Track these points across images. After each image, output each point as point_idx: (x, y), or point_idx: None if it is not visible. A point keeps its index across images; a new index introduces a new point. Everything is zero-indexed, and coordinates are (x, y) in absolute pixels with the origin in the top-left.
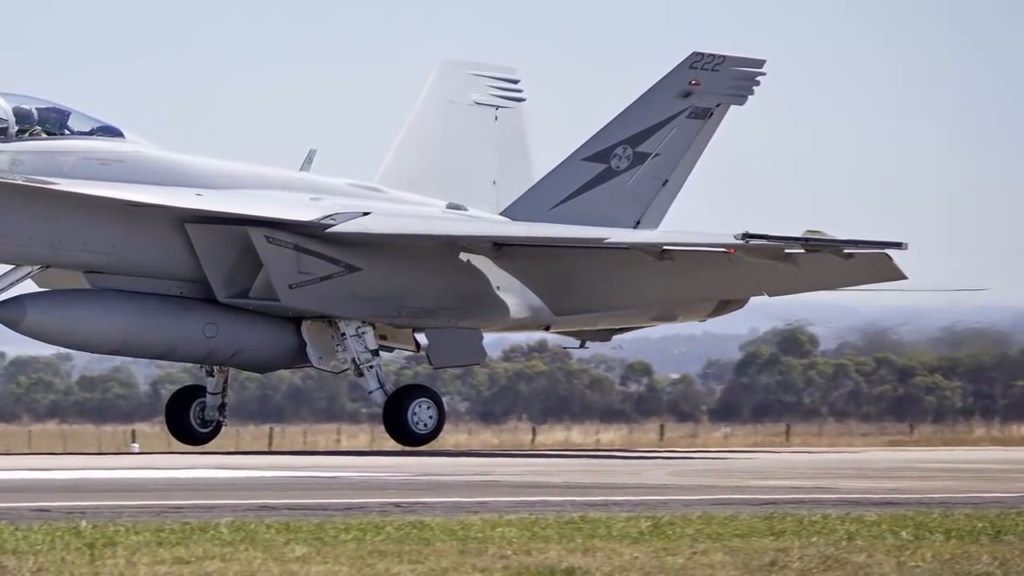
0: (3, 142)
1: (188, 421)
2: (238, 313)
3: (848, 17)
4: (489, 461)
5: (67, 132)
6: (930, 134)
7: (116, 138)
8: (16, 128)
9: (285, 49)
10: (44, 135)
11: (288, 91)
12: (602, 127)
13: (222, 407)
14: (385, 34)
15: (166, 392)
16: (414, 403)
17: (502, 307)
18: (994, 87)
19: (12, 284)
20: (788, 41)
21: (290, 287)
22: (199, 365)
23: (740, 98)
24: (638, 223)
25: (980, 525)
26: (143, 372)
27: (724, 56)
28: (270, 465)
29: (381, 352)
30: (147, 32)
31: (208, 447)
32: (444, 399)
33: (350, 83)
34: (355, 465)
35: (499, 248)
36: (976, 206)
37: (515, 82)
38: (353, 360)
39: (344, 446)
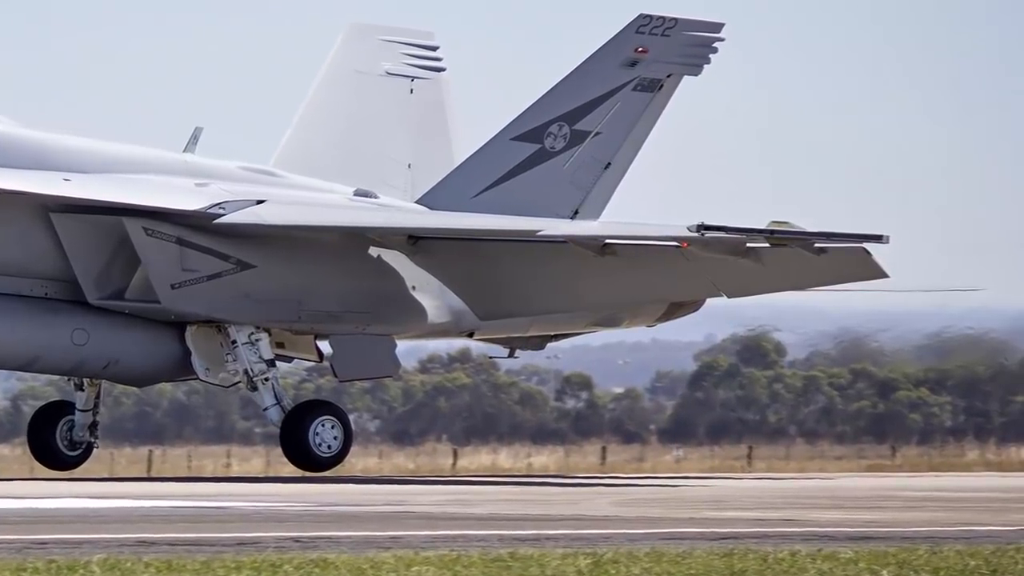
0: None
1: (54, 442)
2: (112, 317)
3: None
4: (403, 489)
5: None
6: (917, 114)
7: None
8: None
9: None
10: None
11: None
12: (534, 102)
13: (93, 426)
14: None
15: (28, 408)
16: (316, 422)
17: (418, 310)
18: (991, 68)
19: None
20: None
21: (172, 287)
22: (67, 378)
23: (694, 67)
24: (576, 213)
25: (973, 563)
26: (1, 386)
27: (676, 19)
28: (149, 493)
29: (278, 362)
30: None
31: (77, 472)
32: (351, 417)
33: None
34: (248, 493)
35: (415, 242)
36: (968, 195)
37: (433, 49)
38: (245, 371)
39: (235, 471)
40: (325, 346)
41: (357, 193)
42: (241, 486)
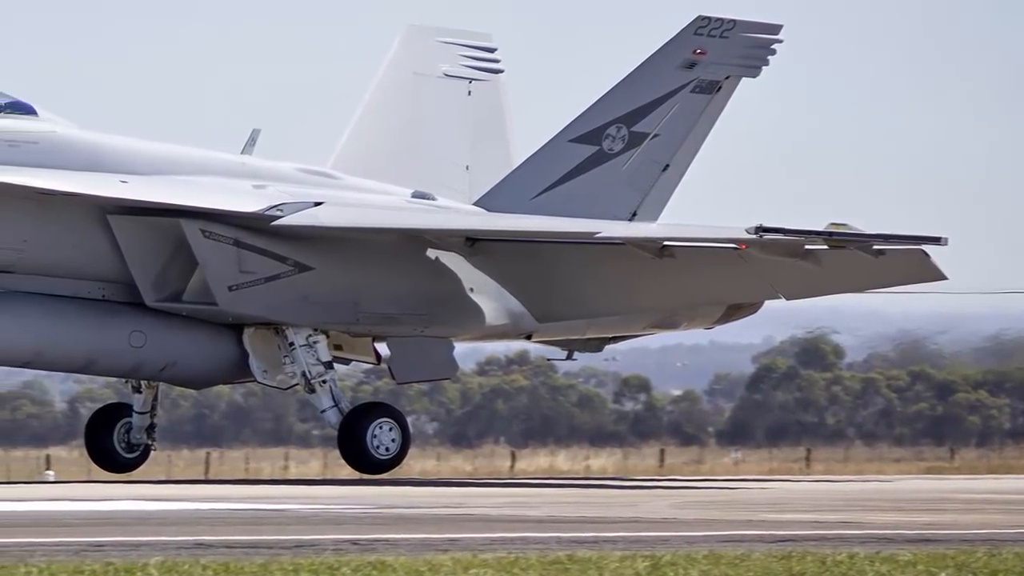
0: None
1: (111, 445)
2: (170, 320)
3: None
4: (461, 491)
5: None
6: (976, 115)
7: (28, 116)
8: None
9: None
10: None
11: (229, 60)
12: (592, 103)
13: (151, 428)
14: None
15: (86, 411)
16: (374, 424)
17: (476, 312)
18: None
19: None
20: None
21: (230, 289)
22: (124, 380)
23: (753, 69)
24: (634, 215)
25: None
26: (59, 388)
27: (734, 21)
28: (206, 496)
29: (336, 365)
30: None
31: (134, 475)
32: (409, 419)
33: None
34: (305, 496)
35: (473, 243)
36: None
37: (491, 50)
38: (303, 374)
39: (292, 474)
40: (383, 348)
41: (415, 195)
42: (299, 488)
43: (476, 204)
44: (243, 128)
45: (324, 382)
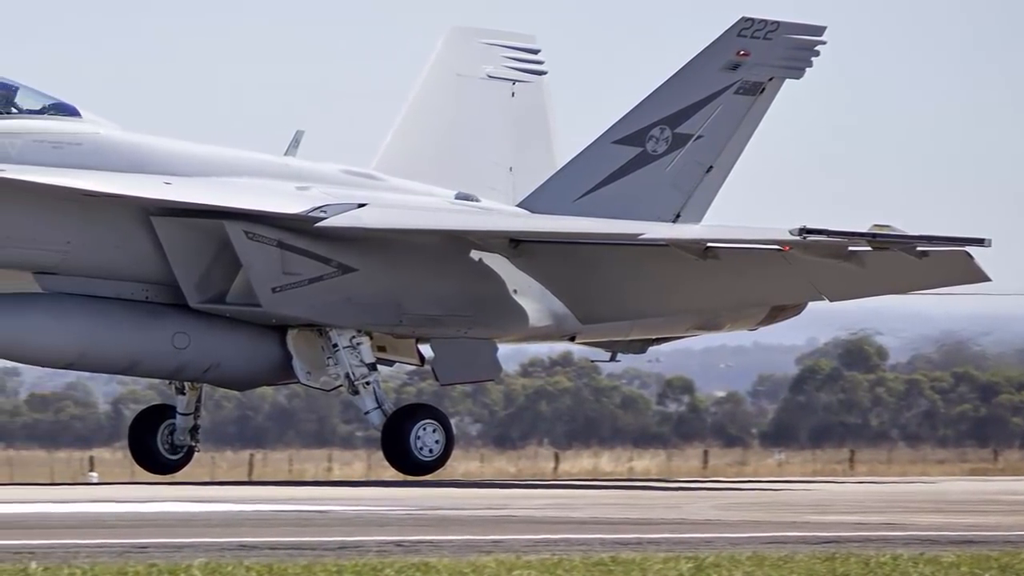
0: None
1: (155, 446)
2: (213, 321)
3: None
4: (505, 493)
5: (14, 111)
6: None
7: (71, 117)
8: None
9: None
10: None
11: (271, 61)
12: (636, 105)
13: (194, 430)
14: None
15: (129, 413)
16: (417, 426)
17: (520, 314)
18: None
19: None
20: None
21: (273, 291)
22: (168, 381)
23: (796, 71)
24: (678, 216)
25: None
26: (103, 389)
27: (778, 22)
28: (250, 497)
29: (379, 366)
30: None
31: (178, 476)
32: (452, 421)
33: (343, 53)
34: (349, 497)
35: (516, 245)
36: None
37: (535, 52)
38: (347, 375)
39: (336, 475)
40: (426, 350)
41: (458, 196)
42: (342, 490)
43: (519, 206)
44: (287, 130)
45: (368, 383)
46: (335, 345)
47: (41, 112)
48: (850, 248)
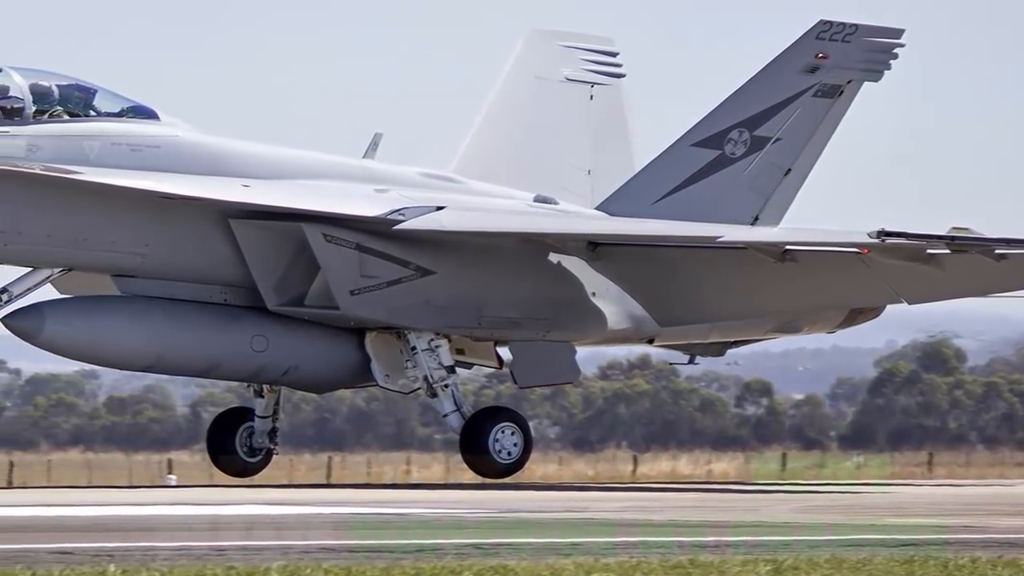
0: (18, 125)
1: (234, 449)
2: (291, 324)
3: None
4: (583, 495)
5: (92, 113)
6: None
7: (149, 120)
8: (34, 109)
9: (347, 17)
10: (66, 117)
11: (350, 66)
12: (714, 108)
13: (273, 433)
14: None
15: (208, 415)
16: (496, 428)
17: (598, 317)
18: None
19: (29, 290)
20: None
21: (352, 293)
22: (246, 384)
23: (875, 74)
24: (756, 219)
25: None
26: (181, 392)
27: (856, 25)
28: (328, 500)
29: (458, 369)
30: None
31: (256, 479)
32: (531, 423)
33: (422, 56)
34: (427, 500)
35: (595, 248)
36: None
37: (613, 55)
38: (425, 378)
39: (415, 478)
40: (505, 352)
41: (536, 199)
42: (421, 493)
43: (598, 208)
44: (365, 132)
45: (446, 386)
46: (413, 348)
47: (119, 115)
48: (928, 251)
